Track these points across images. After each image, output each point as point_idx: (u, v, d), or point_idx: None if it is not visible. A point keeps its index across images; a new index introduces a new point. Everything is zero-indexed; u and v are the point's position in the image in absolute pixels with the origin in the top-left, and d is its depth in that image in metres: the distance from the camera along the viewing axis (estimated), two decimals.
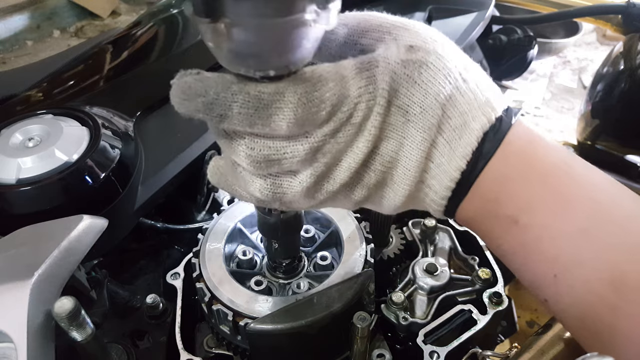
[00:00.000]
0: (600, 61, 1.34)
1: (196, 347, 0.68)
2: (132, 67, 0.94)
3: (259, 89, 0.33)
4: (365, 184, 0.39)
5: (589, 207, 0.36)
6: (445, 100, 0.36)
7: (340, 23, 0.40)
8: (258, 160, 0.36)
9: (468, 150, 0.37)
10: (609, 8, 1.27)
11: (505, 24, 1.41)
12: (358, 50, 0.40)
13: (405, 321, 0.63)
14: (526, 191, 0.37)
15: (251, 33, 0.31)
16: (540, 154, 0.38)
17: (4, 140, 0.67)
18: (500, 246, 0.40)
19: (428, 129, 0.36)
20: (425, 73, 0.36)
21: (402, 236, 0.77)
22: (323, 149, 0.36)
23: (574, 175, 0.38)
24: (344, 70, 0.36)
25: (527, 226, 0.37)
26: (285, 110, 0.34)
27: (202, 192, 0.84)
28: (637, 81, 1.14)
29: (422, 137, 0.37)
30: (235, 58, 0.33)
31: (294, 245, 0.63)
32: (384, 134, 0.37)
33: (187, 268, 0.69)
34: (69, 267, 0.51)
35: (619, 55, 1.24)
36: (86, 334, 0.46)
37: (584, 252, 0.36)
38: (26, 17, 4.00)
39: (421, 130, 0.37)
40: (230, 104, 0.33)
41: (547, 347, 0.61)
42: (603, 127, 1.29)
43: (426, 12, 1.19)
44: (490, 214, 0.39)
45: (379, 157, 0.38)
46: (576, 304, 0.37)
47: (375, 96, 0.36)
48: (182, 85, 0.35)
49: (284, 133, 0.35)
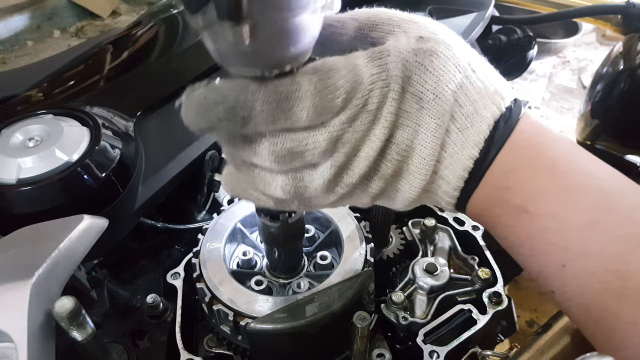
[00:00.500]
0: (600, 61, 1.34)
1: (196, 347, 0.68)
2: (133, 67, 0.94)
3: (276, 83, 0.34)
4: (383, 174, 0.39)
5: (596, 197, 0.37)
6: (457, 88, 0.37)
7: (351, 17, 0.41)
8: (282, 154, 0.36)
9: (480, 138, 0.37)
10: (609, 8, 1.27)
11: (505, 24, 1.41)
12: (369, 44, 0.41)
13: (405, 321, 0.63)
14: (535, 181, 0.38)
15: (273, 29, 0.31)
16: (549, 144, 0.39)
17: (4, 140, 0.67)
18: (509, 237, 0.40)
19: (442, 116, 0.37)
20: (437, 61, 0.37)
21: (402, 236, 0.77)
22: (342, 139, 0.37)
23: (581, 166, 0.38)
24: (356, 60, 0.36)
25: (535, 216, 0.37)
26: (304, 100, 0.34)
27: (202, 192, 0.84)
28: (636, 81, 1.14)
29: (436, 124, 0.37)
30: (251, 59, 0.33)
31: (295, 253, 0.63)
32: (399, 121, 0.38)
33: (187, 268, 0.69)
34: (70, 267, 0.51)
35: (619, 55, 1.24)
36: (86, 333, 0.46)
37: (592, 243, 0.36)
38: (26, 17, 4.00)
39: (435, 117, 0.37)
40: (253, 104, 0.34)
41: (546, 347, 0.61)
42: (603, 127, 1.29)
43: (426, 12, 1.19)
44: (499, 203, 0.39)
45: (395, 145, 0.38)
46: (583, 294, 0.37)
47: (389, 83, 0.36)
48: (196, 99, 0.35)
49: (304, 124, 0.35)
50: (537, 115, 2.88)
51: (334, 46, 0.42)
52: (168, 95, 0.88)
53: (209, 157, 0.80)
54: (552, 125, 2.81)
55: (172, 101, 0.88)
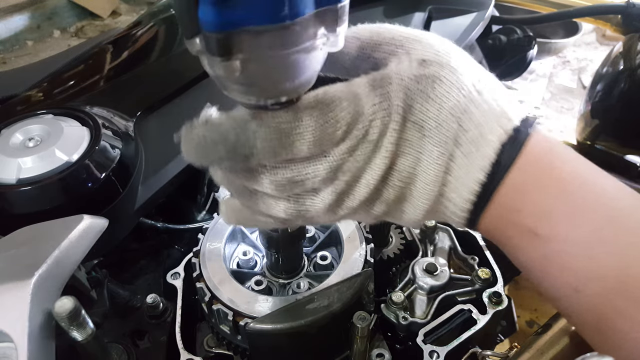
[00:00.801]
0: (600, 61, 1.34)
1: (196, 346, 0.68)
2: (133, 67, 0.94)
3: (277, 120, 0.34)
4: (385, 199, 0.39)
5: (607, 217, 0.36)
6: (461, 113, 0.36)
7: (353, 36, 0.40)
8: (282, 184, 0.37)
9: (486, 163, 0.37)
10: (609, 8, 1.27)
11: (505, 24, 1.41)
12: (371, 64, 0.40)
13: (405, 321, 0.63)
14: (544, 201, 0.37)
15: (266, 65, 0.31)
16: (558, 163, 0.38)
17: (4, 140, 0.67)
18: (520, 258, 0.40)
19: (444, 143, 0.37)
20: (439, 87, 0.36)
21: (402, 236, 0.77)
22: (342, 168, 0.37)
23: (590, 184, 0.38)
24: (357, 89, 0.36)
25: (546, 238, 0.37)
26: (305, 135, 0.34)
27: (202, 192, 0.84)
28: (636, 81, 1.14)
29: (439, 152, 0.37)
30: (247, 90, 0.33)
31: (295, 256, 0.63)
32: (400, 150, 0.37)
33: (187, 268, 0.69)
34: (69, 267, 0.51)
35: (619, 55, 1.24)
36: (86, 333, 0.46)
37: (604, 266, 0.36)
38: (26, 17, 4.00)
39: (438, 145, 0.37)
40: (254, 142, 0.34)
41: (546, 347, 0.61)
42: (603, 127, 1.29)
43: (426, 12, 1.19)
44: (510, 225, 0.39)
45: (397, 173, 0.38)
46: (595, 314, 0.37)
47: (390, 113, 0.36)
48: (195, 139, 0.34)
49: (304, 155, 0.35)
50: (537, 115, 2.88)
51: (337, 65, 0.41)
52: (168, 95, 0.88)
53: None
54: (552, 125, 2.81)
55: (172, 101, 0.89)
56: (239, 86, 0.33)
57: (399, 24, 0.41)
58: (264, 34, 0.28)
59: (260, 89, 0.33)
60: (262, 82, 0.32)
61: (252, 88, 0.33)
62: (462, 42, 1.12)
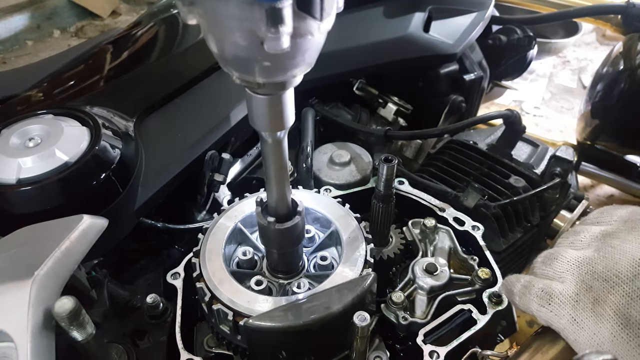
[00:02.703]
0: (600, 61, 1.34)
1: (196, 346, 0.68)
2: (132, 67, 0.94)
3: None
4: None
5: None
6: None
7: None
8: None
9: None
10: (609, 8, 1.27)
11: (505, 24, 1.41)
12: None
13: (405, 321, 0.63)
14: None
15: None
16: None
17: (4, 140, 0.67)
18: None
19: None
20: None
21: (402, 236, 0.77)
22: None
23: None
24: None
25: None
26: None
27: (202, 192, 0.84)
28: (636, 81, 1.14)
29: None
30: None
31: (295, 256, 0.63)
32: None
33: (187, 268, 0.69)
34: (70, 267, 0.51)
35: (619, 55, 1.24)
36: (86, 333, 0.46)
37: None
38: (26, 17, 4.00)
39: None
40: None
41: (546, 347, 0.61)
42: (603, 127, 1.29)
43: (426, 12, 1.18)
44: None
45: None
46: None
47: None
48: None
49: None
50: (537, 115, 2.88)
51: None
52: (168, 95, 0.88)
53: (209, 157, 0.80)
54: (552, 125, 2.81)
55: (172, 101, 0.89)
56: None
57: (399, 24, 0.41)
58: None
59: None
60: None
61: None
62: (462, 42, 1.12)
